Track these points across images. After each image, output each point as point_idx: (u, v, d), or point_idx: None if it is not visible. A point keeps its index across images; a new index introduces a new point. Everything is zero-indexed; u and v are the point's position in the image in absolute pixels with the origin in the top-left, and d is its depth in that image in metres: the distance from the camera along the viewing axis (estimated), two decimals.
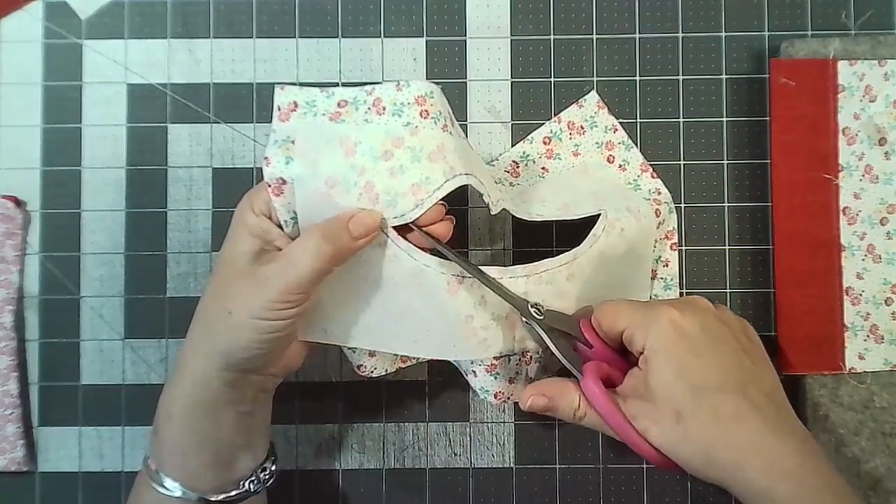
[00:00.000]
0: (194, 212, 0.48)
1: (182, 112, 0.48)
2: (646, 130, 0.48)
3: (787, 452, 0.34)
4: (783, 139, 0.46)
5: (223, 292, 0.36)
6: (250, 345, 0.35)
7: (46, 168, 0.48)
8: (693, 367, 0.35)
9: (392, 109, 0.37)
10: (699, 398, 0.35)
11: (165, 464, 0.37)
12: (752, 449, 0.34)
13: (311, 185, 0.36)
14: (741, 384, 0.35)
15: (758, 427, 0.34)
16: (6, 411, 0.46)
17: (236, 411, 0.37)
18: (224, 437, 0.37)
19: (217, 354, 0.36)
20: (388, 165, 0.36)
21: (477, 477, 0.47)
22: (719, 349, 0.36)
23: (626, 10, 0.48)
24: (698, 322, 0.36)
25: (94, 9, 0.48)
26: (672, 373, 0.35)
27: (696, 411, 0.34)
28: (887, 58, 0.45)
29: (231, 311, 0.35)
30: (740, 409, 0.34)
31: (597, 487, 0.47)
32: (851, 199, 0.46)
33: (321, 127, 0.37)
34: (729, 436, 0.34)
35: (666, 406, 0.35)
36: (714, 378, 0.35)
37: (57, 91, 0.48)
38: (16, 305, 0.47)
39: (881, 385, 0.45)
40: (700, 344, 0.36)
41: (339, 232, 0.35)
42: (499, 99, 0.48)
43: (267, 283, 0.35)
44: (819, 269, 0.45)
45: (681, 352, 0.35)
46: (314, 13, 0.48)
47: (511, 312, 0.39)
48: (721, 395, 0.35)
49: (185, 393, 0.37)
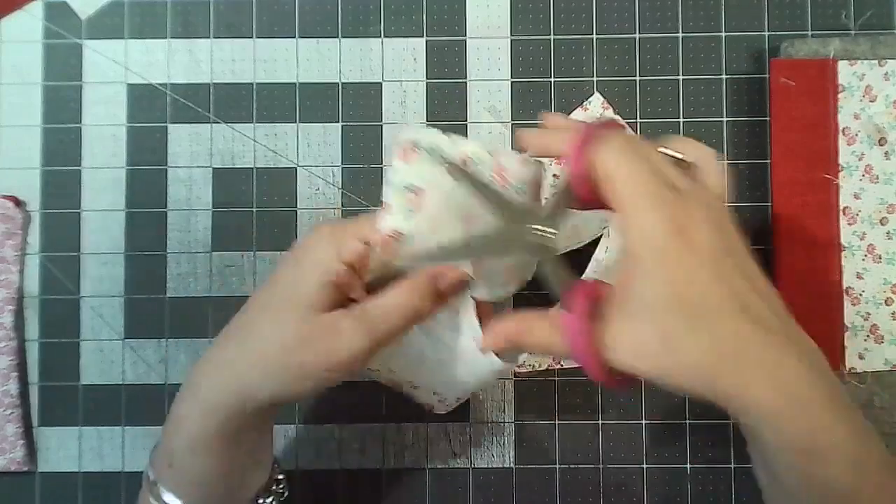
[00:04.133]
0: (194, 212, 0.48)
1: (182, 112, 0.48)
2: (646, 130, 0.48)
3: (799, 373, 0.29)
4: (783, 139, 0.46)
5: (293, 341, 0.34)
6: (313, 391, 0.35)
7: (46, 168, 0.48)
8: (690, 283, 0.29)
9: (515, 186, 0.35)
10: (695, 319, 0.29)
11: (183, 493, 0.35)
12: (758, 370, 0.28)
13: (423, 248, 0.34)
14: (742, 298, 0.29)
15: (763, 343, 0.29)
16: (6, 411, 0.46)
17: (261, 432, 0.37)
18: (242, 459, 0.36)
19: (267, 394, 0.34)
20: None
21: (477, 477, 0.48)
22: (724, 260, 0.30)
23: (626, 10, 0.48)
24: (705, 223, 0.30)
25: (94, 9, 0.48)
26: (662, 288, 0.29)
27: (688, 335, 0.29)
28: (887, 58, 0.45)
29: (303, 364, 0.34)
30: (740, 327, 0.29)
31: (597, 487, 0.47)
32: (851, 199, 0.46)
33: (451, 191, 0.34)
34: (729, 357, 0.28)
35: (652, 326, 0.29)
36: (713, 296, 0.29)
37: (57, 91, 0.48)
38: (16, 305, 0.47)
39: (881, 385, 0.45)
40: (702, 253, 0.29)
41: (427, 289, 0.35)
42: (499, 99, 0.48)
43: (350, 342, 0.34)
44: (819, 269, 0.45)
45: (675, 263, 0.29)
46: (314, 13, 0.48)
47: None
48: (720, 315, 0.29)
49: (212, 425, 0.34)
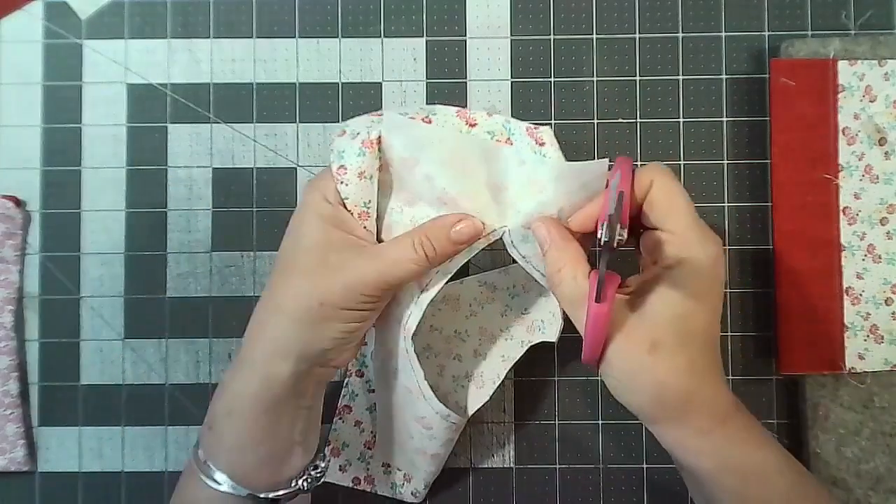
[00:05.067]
0: (194, 212, 0.48)
1: (182, 112, 0.48)
2: (646, 130, 0.48)
3: (729, 401, 0.34)
4: (783, 139, 0.46)
5: (307, 285, 0.35)
6: (336, 335, 0.35)
7: (46, 168, 0.48)
8: (697, 313, 0.34)
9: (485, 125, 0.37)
10: (686, 344, 0.33)
11: (221, 459, 0.36)
12: (706, 399, 0.34)
13: (408, 169, 0.36)
14: (715, 339, 0.35)
15: (715, 380, 0.34)
16: (6, 411, 0.46)
17: (298, 406, 0.37)
18: (283, 434, 0.36)
19: (291, 346, 0.35)
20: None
21: (477, 477, 0.47)
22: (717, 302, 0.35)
23: (626, 10, 0.48)
24: (723, 268, 0.35)
25: (94, 9, 0.48)
26: (681, 309, 0.33)
27: (674, 355, 0.33)
28: (887, 58, 0.45)
29: (322, 303, 0.35)
30: (710, 365, 0.34)
31: (597, 487, 0.47)
32: (851, 199, 0.45)
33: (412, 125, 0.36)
34: (694, 386, 0.33)
35: (646, 332, 0.33)
36: (705, 329, 0.34)
37: (57, 91, 0.48)
38: (16, 305, 0.47)
39: (881, 385, 0.45)
40: (716, 293, 0.34)
41: (441, 237, 0.36)
42: (499, 99, 0.48)
43: (363, 277, 0.35)
44: (819, 269, 0.45)
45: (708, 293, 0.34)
46: (314, 13, 0.48)
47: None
48: (703, 348, 0.34)
49: (250, 388, 0.36)
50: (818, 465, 0.45)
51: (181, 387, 0.48)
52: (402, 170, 0.36)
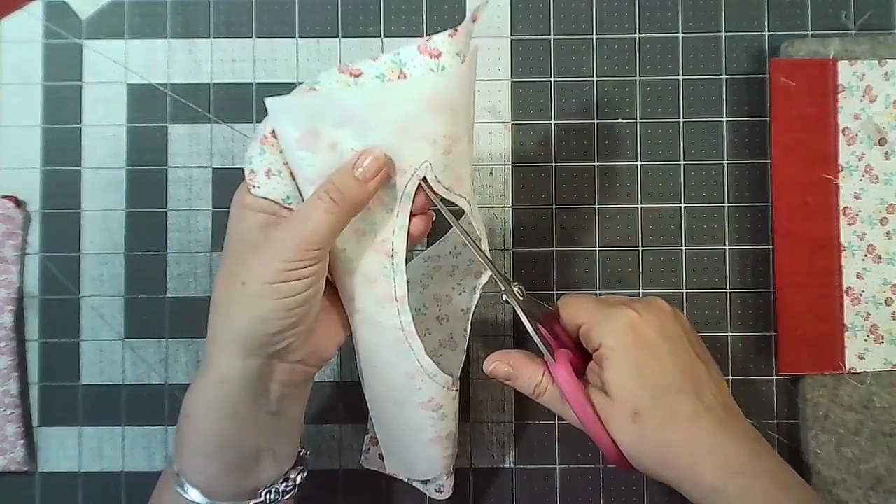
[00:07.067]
0: (194, 212, 0.48)
1: (182, 112, 0.48)
2: (646, 130, 0.48)
3: (738, 451, 0.35)
4: (783, 139, 0.46)
5: (236, 268, 0.34)
6: (269, 315, 0.33)
7: (46, 168, 0.48)
8: (651, 368, 0.36)
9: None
10: (657, 398, 0.36)
11: (184, 465, 0.35)
12: (706, 449, 0.35)
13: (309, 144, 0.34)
14: (696, 386, 0.37)
15: (712, 427, 0.35)
16: (6, 411, 0.46)
17: (260, 411, 0.35)
18: (247, 441, 0.35)
19: (235, 336, 0.34)
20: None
21: (477, 477, 0.48)
22: (676, 351, 0.37)
23: (626, 10, 0.48)
24: (656, 324, 0.37)
25: (94, 9, 0.48)
26: (629, 372, 0.36)
27: (653, 411, 0.36)
28: (887, 58, 0.45)
29: (245, 282, 0.33)
30: (696, 410, 0.36)
31: (597, 487, 0.47)
32: (851, 199, 0.46)
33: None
34: (684, 436, 0.35)
35: (624, 404, 0.36)
36: (671, 379, 0.36)
37: (57, 91, 0.48)
38: (16, 305, 0.47)
39: (881, 385, 0.45)
40: (658, 345, 0.37)
41: (346, 179, 0.33)
42: (499, 99, 0.48)
43: (281, 243, 0.33)
44: (819, 269, 0.45)
45: (638, 352, 0.36)
46: (314, 13, 0.48)
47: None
48: (678, 396, 0.36)
49: (205, 390, 0.34)
50: (818, 465, 0.45)
51: (181, 387, 0.48)
52: (306, 152, 0.35)
